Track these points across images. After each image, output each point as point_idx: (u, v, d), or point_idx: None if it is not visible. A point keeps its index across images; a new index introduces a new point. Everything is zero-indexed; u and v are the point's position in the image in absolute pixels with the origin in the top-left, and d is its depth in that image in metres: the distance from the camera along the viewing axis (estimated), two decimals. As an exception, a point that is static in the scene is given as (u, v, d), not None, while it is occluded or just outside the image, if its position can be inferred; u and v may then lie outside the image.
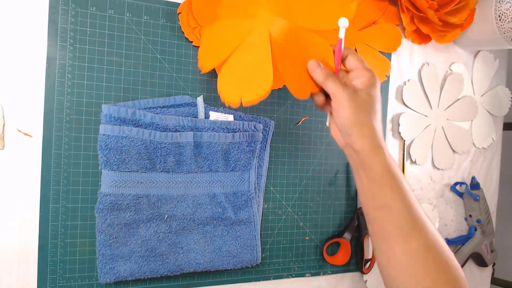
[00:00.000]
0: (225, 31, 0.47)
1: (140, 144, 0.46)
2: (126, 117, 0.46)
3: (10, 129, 0.45)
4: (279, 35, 0.44)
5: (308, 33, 0.45)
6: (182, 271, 0.50)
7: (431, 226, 0.39)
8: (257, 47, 0.44)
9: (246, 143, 0.52)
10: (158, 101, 0.50)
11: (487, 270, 0.79)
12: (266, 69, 0.43)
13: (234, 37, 0.45)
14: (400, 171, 0.40)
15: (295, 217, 0.59)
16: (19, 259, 0.45)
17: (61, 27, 0.46)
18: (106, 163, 0.46)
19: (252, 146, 0.53)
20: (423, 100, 0.69)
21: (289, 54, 0.44)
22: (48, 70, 0.46)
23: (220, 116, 0.53)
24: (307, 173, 0.60)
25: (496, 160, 0.79)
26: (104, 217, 0.46)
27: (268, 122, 0.56)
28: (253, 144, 0.53)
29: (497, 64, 0.77)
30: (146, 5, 0.50)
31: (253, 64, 0.44)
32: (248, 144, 0.53)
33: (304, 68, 0.43)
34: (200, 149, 0.50)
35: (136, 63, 0.50)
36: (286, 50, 0.44)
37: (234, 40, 0.45)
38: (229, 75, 0.44)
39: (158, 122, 0.48)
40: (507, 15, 0.62)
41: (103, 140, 0.45)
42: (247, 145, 0.52)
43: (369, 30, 0.63)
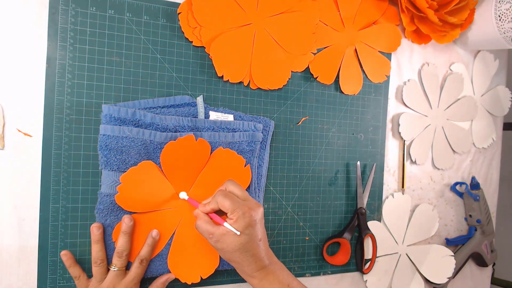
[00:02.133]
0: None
1: (140, 144, 0.46)
2: (126, 117, 0.46)
3: (10, 129, 0.45)
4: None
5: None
6: None
7: None
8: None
9: (246, 143, 0.52)
10: (158, 101, 0.50)
11: (487, 270, 0.79)
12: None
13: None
14: (292, 283, 0.45)
15: (295, 217, 0.59)
16: (19, 259, 0.45)
17: (61, 27, 0.46)
18: (106, 163, 0.46)
19: (252, 146, 0.53)
20: (423, 100, 0.69)
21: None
22: (48, 70, 0.46)
23: (220, 116, 0.53)
24: (307, 173, 0.60)
25: (496, 160, 0.79)
26: (104, 218, 0.46)
27: (268, 122, 0.56)
28: (253, 144, 0.53)
29: (497, 64, 0.77)
30: (146, 5, 0.50)
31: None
32: (248, 144, 0.53)
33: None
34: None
35: (136, 63, 0.50)
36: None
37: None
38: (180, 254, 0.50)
39: (158, 122, 0.48)
40: (507, 15, 0.62)
41: (103, 140, 0.45)
42: (247, 144, 0.52)
43: (369, 30, 0.63)
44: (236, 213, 0.42)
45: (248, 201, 0.44)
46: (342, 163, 0.63)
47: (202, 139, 0.49)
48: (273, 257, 0.46)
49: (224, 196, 0.43)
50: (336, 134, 0.62)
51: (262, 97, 0.57)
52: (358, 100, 0.64)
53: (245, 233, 0.42)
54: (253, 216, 0.42)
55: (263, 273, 0.44)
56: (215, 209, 0.44)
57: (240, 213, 0.42)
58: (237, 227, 0.42)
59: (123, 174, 0.46)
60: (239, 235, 0.42)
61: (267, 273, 0.44)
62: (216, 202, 0.43)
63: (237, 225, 0.42)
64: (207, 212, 0.44)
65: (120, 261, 0.45)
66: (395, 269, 0.66)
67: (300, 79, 0.59)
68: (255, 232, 0.43)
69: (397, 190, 0.68)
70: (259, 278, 0.44)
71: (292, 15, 0.56)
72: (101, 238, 0.46)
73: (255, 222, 0.43)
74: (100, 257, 0.45)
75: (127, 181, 0.46)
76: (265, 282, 0.44)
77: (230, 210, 0.42)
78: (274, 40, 0.55)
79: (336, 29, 0.61)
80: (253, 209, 0.43)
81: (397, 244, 0.66)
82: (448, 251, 0.69)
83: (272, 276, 0.44)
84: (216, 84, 0.54)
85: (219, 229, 0.42)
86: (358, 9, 0.61)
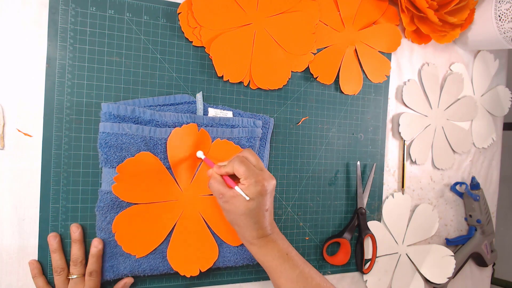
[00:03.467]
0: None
1: (140, 141, 0.46)
2: (125, 115, 0.46)
3: (10, 129, 0.45)
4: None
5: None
6: None
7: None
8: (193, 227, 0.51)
9: (245, 138, 0.53)
10: (158, 100, 0.50)
11: (487, 270, 0.79)
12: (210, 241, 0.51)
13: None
14: (290, 252, 0.45)
15: (295, 217, 0.59)
16: (19, 259, 0.45)
17: (61, 27, 0.46)
18: (106, 161, 0.46)
19: (251, 141, 0.53)
20: (423, 100, 0.69)
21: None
22: (48, 70, 0.46)
23: (219, 112, 0.53)
24: (307, 173, 0.60)
25: (496, 160, 0.79)
26: (104, 215, 0.46)
27: (267, 119, 0.56)
28: (252, 140, 0.53)
29: (497, 64, 0.77)
30: (146, 5, 0.50)
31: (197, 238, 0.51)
32: (248, 140, 0.53)
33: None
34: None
35: (136, 63, 0.50)
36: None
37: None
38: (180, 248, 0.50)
39: (158, 119, 0.48)
40: (507, 15, 0.62)
41: (103, 138, 0.45)
42: (246, 141, 0.53)
43: (369, 30, 0.63)
44: (249, 179, 0.42)
45: (263, 172, 0.45)
46: (342, 163, 0.63)
47: (204, 130, 0.49)
48: (275, 228, 0.47)
49: (240, 162, 0.43)
50: (336, 134, 0.62)
51: (262, 97, 0.57)
52: (358, 100, 0.64)
53: (254, 200, 0.42)
54: (265, 186, 0.43)
55: (263, 241, 0.45)
56: (230, 173, 0.44)
57: (253, 181, 0.42)
58: (248, 192, 0.42)
59: (119, 164, 0.46)
60: (248, 200, 0.42)
61: (267, 242, 0.45)
62: (232, 166, 0.44)
63: (248, 191, 0.42)
64: (221, 174, 0.45)
65: (76, 269, 0.45)
66: (395, 269, 0.66)
67: (300, 79, 0.59)
68: (263, 202, 0.43)
69: (397, 190, 0.68)
70: (259, 246, 0.45)
71: (292, 15, 0.56)
72: (59, 247, 0.46)
73: (265, 192, 0.43)
74: (60, 266, 0.45)
75: (124, 172, 0.46)
76: (264, 249, 0.44)
77: (244, 176, 0.43)
78: (274, 40, 0.55)
79: (336, 29, 0.61)
80: (266, 179, 0.44)
81: (397, 244, 0.66)
82: (448, 251, 0.69)
83: (272, 245, 0.45)
84: (216, 84, 0.54)
85: (230, 191, 0.43)
86: (358, 9, 0.61)
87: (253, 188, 0.42)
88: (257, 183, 0.43)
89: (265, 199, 0.44)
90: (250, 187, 0.42)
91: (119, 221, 0.46)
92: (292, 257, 0.45)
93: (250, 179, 0.43)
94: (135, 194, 0.47)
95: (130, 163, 0.46)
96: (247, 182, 0.43)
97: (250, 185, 0.42)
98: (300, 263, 0.45)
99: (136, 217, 0.47)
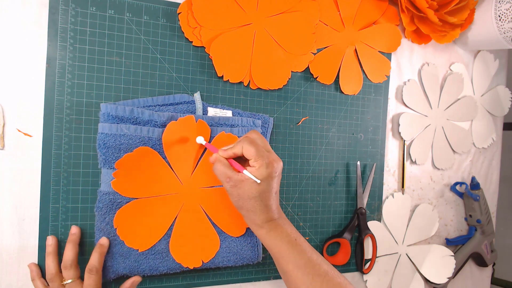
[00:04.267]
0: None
1: (139, 142, 0.46)
2: (124, 115, 0.46)
3: (10, 129, 0.45)
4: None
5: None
6: (182, 268, 0.50)
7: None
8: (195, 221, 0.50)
9: None
10: (157, 100, 0.50)
11: (487, 270, 0.79)
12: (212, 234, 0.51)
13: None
14: (299, 238, 0.45)
15: (295, 217, 0.59)
16: (19, 259, 0.45)
17: (61, 27, 0.46)
18: (105, 161, 0.46)
19: None
20: (423, 100, 0.69)
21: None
22: (48, 70, 0.46)
23: (219, 111, 0.53)
24: (307, 173, 0.60)
25: (496, 160, 0.79)
26: (103, 216, 0.46)
27: (267, 119, 0.56)
28: None
29: (497, 64, 0.77)
30: (146, 5, 0.50)
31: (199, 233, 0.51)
32: None
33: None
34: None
35: (136, 63, 0.50)
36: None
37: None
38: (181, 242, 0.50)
39: (157, 119, 0.48)
40: (507, 15, 0.62)
41: (101, 138, 0.45)
42: None
43: (369, 30, 0.63)
44: (260, 161, 0.42)
45: (271, 153, 0.44)
46: (342, 163, 0.63)
47: (202, 121, 0.49)
48: (282, 213, 0.46)
49: (250, 142, 0.42)
50: (336, 134, 0.62)
51: (262, 97, 0.57)
52: (358, 100, 0.64)
53: (263, 183, 0.42)
54: (275, 167, 0.43)
55: (272, 224, 0.44)
56: (237, 154, 0.43)
57: (264, 162, 0.42)
58: (258, 175, 0.41)
59: (118, 160, 0.45)
60: (259, 183, 0.41)
61: (276, 225, 0.44)
62: (241, 147, 0.42)
63: (258, 173, 0.41)
64: (228, 156, 0.44)
65: (69, 273, 0.44)
66: (395, 269, 0.66)
67: (300, 79, 0.59)
68: (273, 184, 0.43)
69: (397, 190, 0.68)
70: (267, 229, 0.44)
71: (292, 15, 0.56)
72: (53, 251, 0.45)
73: (275, 174, 0.43)
74: (52, 272, 0.44)
75: (123, 167, 0.46)
76: (272, 233, 0.44)
77: (254, 157, 0.42)
78: (274, 40, 0.55)
79: (336, 29, 0.61)
80: (276, 161, 0.43)
81: (397, 244, 0.66)
82: (448, 251, 0.69)
83: (281, 229, 0.44)
84: (216, 84, 0.54)
85: (237, 175, 0.42)
86: (358, 9, 0.61)
87: (264, 170, 0.41)
88: (268, 165, 0.42)
89: (274, 181, 0.43)
90: (261, 169, 0.41)
91: (120, 216, 0.46)
92: (301, 243, 0.44)
93: (261, 161, 0.41)
94: (135, 189, 0.47)
95: (128, 158, 0.46)
96: (258, 163, 0.42)
97: (261, 166, 0.41)
98: (309, 250, 0.44)
99: (137, 212, 0.47)
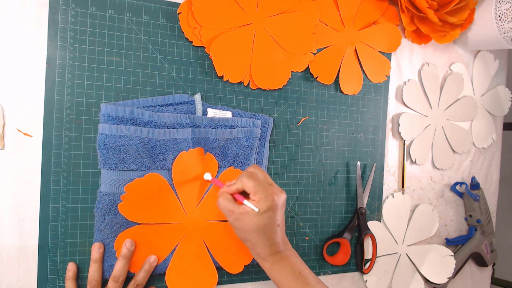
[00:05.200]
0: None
1: (139, 143, 0.46)
2: (124, 116, 0.46)
3: (10, 129, 0.45)
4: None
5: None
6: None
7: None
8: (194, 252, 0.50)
9: (244, 139, 0.52)
10: (157, 100, 0.50)
11: (487, 270, 0.79)
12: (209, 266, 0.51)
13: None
14: (303, 270, 0.45)
15: (295, 217, 0.59)
16: (19, 259, 0.45)
17: (61, 27, 0.46)
18: (105, 162, 0.46)
19: (250, 142, 0.53)
20: (423, 100, 0.69)
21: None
22: (48, 70, 0.46)
23: (218, 112, 0.53)
24: (307, 173, 0.60)
25: (496, 160, 0.79)
26: (103, 217, 0.46)
27: (267, 119, 0.56)
28: (251, 140, 0.53)
29: (497, 64, 0.77)
30: (146, 5, 0.50)
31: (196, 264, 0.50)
32: (246, 140, 0.53)
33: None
34: (198, 146, 0.51)
35: (136, 63, 0.50)
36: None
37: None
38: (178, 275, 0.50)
39: (157, 120, 0.48)
40: (507, 15, 0.62)
41: (101, 139, 0.45)
42: (245, 141, 0.53)
43: (369, 30, 0.63)
44: (259, 194, 0.42)
45: (273, 186, 0.44)
46: (342, 163, 0.63)
47: (210, 154, 0.50)
48: (288, 244, 0.46)
49: (248, 176, 0.43)
50: (336, 134, 0.62)
51: (262, 97, 0.57)
52: (358, 100, 0.64)
53: (264, 216, 0.42)
54: (276, 200, 0.43)
55: (276, 257, 0.44)
56: (240, 189, 0.44)
57: (263, 196, 0.42)
58: (258, 208, 0.42)
59: (127, 184, 0.46)
60: (259, 217, 0.41)
61: (281, 258, 0.44)
62: (242, 182, 0.43)
63: (258, 206, 0.42)
64: (232, 192, 0.44)
65: (115, 286, 0.45)
66: (395, 269, 0.66)
67: (300, 79, 0.59)
68: (275, 217, 0.43)
69: (397, 190, 0.68)
70: (272, 262, 0.44)
71: (292, 15, 0.56)
72: (100, 258, 0.46)
73: (276, 206, 0.43)
74: (95, 278, 0.45)
75: (132, 191, 0.46)
76: (277, 266, 0.44)
77: (254, 191, 0.42)
78: (274, 40, 0.55)
79: (336, 29, 0.61)
80: (276, 193, 0.43)
81: (397, 244, 0.66)
82: (448, 251, 0.69)
83: (286, 262, 0.44)
84: (216, 84, 0.54)
85: (239, 208, 0.43)
86: (358, 9, 0.61)
87: (264, 204, 0.42)
88: (267, 198, 0.42)
89: (276, 214, 0.43)
90: (261, 202, 0.42)
91: (122, 240, 0.46)
92: (306, 276, 0.44)
93: (260, 194, 0.42)
94: (140, 214, 0.47)
95: (138, 183, 0.46)
96: (257, 197, 0.42)
97: (261, 199, 0.42)
98: (313, 282, 0.44)
99: (139, 237, 0.47)
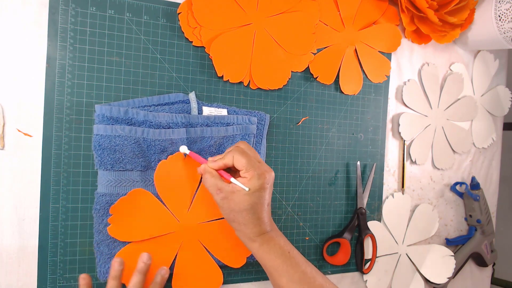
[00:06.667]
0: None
1: (134, 143, 0.46)
2: (119, 116, 0.46)
3: (10, 129, 0.45)
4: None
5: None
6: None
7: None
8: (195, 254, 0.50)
9: (239, 136, 0.52)
10: (152, 99, 0.50)
11: (487, 270, 0.79)
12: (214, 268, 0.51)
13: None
14: (292, 251, 0.44)
15: (295, 217, 0.59)
16: (19, 259, 0.45)
17: (61, 27, 0.46)
18: (101, 163, 0.46)
19: (246, 139, 0.53)
20: (423, 100, 0.69)
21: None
22: (48, 70, 0.46)
23: (214, 110, 0.53)
24: (307, 173, 0.60)
25: (496, 160, 0.79)
26: (101, 218, 0.46)
27: (263, 116, 0.55)
28: (247, 137, 0.53)
29: (497, 64, 0.77)
30: (146, 5, 0.50)
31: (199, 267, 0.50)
32: (242, 137, 0.53)
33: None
34: (194, 145, 0.50)
35: (136, 63, 0.50)
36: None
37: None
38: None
39: (152, 120, 0.47)
40: (507, 15, 0.62)
41: (96, 140, 0.45)
42: (240, 138, 0.52)
43: (369, 30, 0.63)
44: (251, 172, 0.41)
45: (262, 164, 0.43)
46: (342, 163, 0.63)
47: (191, 154, 0.47)
48: (274, 225, 0.46)
49: (241, 153, 0.42)
50: (336, 134, 0.62)
51: (262, 97, 0.57)
52: (358, 100, 0.64)
53: (255, 194, 0.41)
54: (267, 178, 0.42)
55: (264, 238, 0.43)
56: (228, 165, 0.42)
57: (255, 173, 0.41)
58: (249, 186, 0.41)
59: (112, 205, 0.45)
60: (250, 195, 0.40)
61: (269, 238, 0.43)
62: (232, 157, 0.42)
63: (250, 184, 0.41)
64: (218, 167, 0.43)
65: None
66: (395, 269, 0.66)
67: (300, 79, 0.59)
68: (265, 195, 0.42)
69: (397, 190, 0.68)
70: (260, 243, 0.43)
71: (292, 15, 0.56)
72: (120, 275, 0.42)
73: (267, 185, 0.42)
74: None
75: (118, 212, 0.46)
76: (265, 247, 0.43)
77: (246, 168, 0.41)
78: (274, 40, 0.55)
79: (336, 29, 0.61)
80: (267, 171, 0.42)
81: (397, 244, 0.66)
82: (448, 251, 0.69)
83: (274, 242, 0.43)
84: (216, 84, 0.54)
85: (228, 186, 0.41)
86: (358, 9, 0.61)
87: (256, 181, 0.41)
88: (260, 176, 0.41)
89: (266, 192, 0.42)
90: (253, 180, 0.41)
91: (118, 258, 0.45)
92: (294, 256, 0.43)
93: (252, 171, 0.41)
94: (132, 232, 0.46)
95: (122, 202, 0.46)
96: (249, 174, 0.41)
97: (253, 177, 0.41)
98: (302, 263, 0.43)
99: (136, 255, 0.46)
